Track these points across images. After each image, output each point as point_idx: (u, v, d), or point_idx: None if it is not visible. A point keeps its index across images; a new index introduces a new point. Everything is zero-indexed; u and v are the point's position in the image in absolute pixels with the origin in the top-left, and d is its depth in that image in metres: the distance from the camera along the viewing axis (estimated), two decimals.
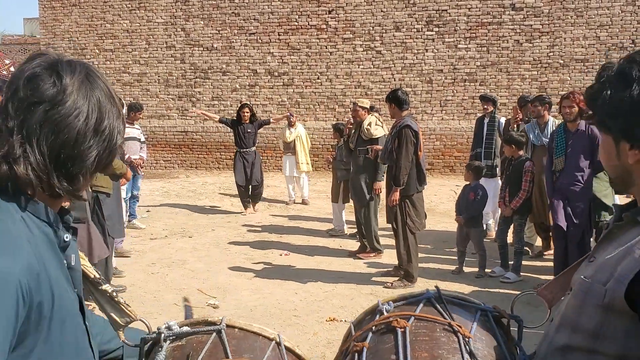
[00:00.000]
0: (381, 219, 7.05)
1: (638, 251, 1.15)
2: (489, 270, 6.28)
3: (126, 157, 7.72)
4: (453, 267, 6.48)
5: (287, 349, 1.49)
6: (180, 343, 1.42)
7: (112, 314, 1.48)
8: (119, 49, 15.36)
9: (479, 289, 5.81)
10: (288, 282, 6.03)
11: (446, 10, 13.65)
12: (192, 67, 15.04)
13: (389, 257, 6.97)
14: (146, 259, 6.98)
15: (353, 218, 7.52)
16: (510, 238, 6.38)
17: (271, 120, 10.29)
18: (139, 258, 7.01)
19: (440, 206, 10.07)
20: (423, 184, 6.00)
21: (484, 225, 7.01)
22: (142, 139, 8.64)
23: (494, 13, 13.46)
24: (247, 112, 9.47)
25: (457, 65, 13.71)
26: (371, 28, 14.04)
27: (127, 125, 8.12)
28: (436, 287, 1.52)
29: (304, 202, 10.52)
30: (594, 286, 1.20)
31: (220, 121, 10.05)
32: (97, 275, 1.46)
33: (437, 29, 13.75)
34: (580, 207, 5.40)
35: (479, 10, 13.52)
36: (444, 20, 13.69)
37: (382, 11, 13.96)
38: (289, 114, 10.37)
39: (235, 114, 10.00)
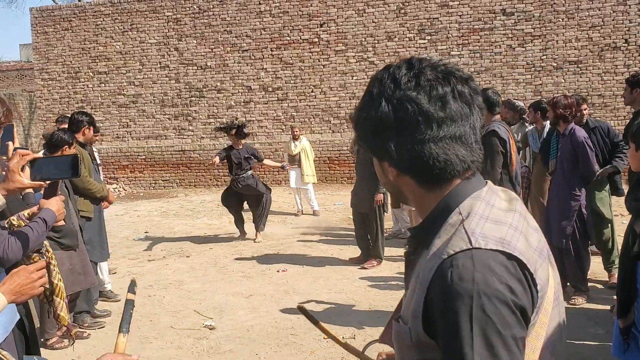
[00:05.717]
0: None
1: (420, 279, 1.05)
2: None
3: None
4: None
5: None
6: None
7: None
8: (112, 71, 15.40)
9: None
10: (285, 300, 5.96)
11: (437, 18, 13.68)
12: (187, 86, 15.06)
13: (389, 269, 6.91)
14: (143, 281, 6.92)
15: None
16: None
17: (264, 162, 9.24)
18: (136, 281, 6.95)
19: None
20: None
21: None
22: (98, 161, 8.57)
23: (485, 19, 13.48)
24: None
25: None
26: (363, 39, 14.07)
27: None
28: None
29: (314, 214, 10.67)
30: (401, 328, 1.11)
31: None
32: None
33: (429, 37, 13.77)
34: (570, 220, 5.22)
35: (470, 17, 13.55)
36: (435, 28, 13.71)
37: (373, 22, 13.99)
38: (282, 165, 9.56)
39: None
